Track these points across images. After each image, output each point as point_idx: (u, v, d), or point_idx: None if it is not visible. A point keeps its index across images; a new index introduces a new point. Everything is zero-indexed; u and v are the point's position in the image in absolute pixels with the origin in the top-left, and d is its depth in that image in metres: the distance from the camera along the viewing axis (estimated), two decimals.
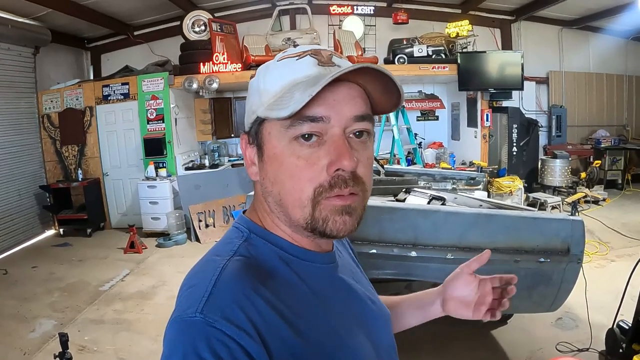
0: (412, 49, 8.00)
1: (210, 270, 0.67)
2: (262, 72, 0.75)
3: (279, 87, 0.70)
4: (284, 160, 0.70)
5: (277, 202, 0.73)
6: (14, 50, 7.12)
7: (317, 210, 0.70)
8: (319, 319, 0.72)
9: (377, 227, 2.95)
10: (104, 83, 7.84)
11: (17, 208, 7.20)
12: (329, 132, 0.69)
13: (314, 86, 0.64)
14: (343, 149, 0.68)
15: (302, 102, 0.64)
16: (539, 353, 3.50)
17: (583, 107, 9.90)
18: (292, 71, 0.71)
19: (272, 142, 0.71)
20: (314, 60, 0.71)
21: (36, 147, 7.85)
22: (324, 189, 0.69)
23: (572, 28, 9.56)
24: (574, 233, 2.95)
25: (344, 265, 0.88)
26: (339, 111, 0.69)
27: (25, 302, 4.90)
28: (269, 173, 0.73)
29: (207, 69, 7.44)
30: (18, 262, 6.35)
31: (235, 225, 0.80)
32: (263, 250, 0.75)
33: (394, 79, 0.70)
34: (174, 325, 0.63)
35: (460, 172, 5.91)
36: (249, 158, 0.78)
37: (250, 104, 0.75)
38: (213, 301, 0.62)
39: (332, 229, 0.71)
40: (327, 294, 0.77)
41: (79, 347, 3.81)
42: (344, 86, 0.69)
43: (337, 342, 0.72)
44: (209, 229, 7.08)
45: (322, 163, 0.68)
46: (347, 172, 0.69)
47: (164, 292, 5.04)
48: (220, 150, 8.96)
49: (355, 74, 0.68)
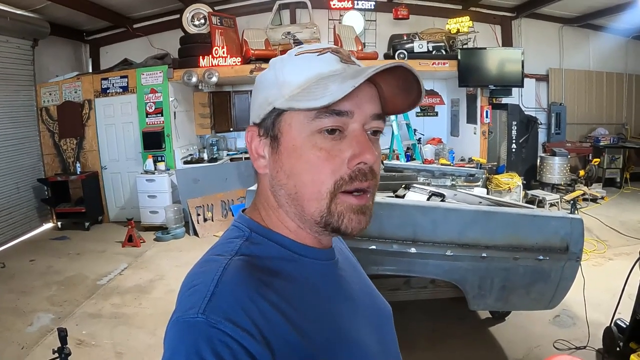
0: (413, 45, 7.99)
1: (212, 270, 0.67)
2: (278, 64, 0.75)
3: (303, 79, 0.71)
4: (304, 152, 0.70)
5: (290, 195, 0.73)
6: (12, 43, 7.09)
7: (333, 204, 0.70)
8: (322, 317, 0.71)
9: (377, 223, 2.94)
10: (102, 76, 7.81)
11: (15, 201, 7.19)
12: (349, 127, 0.70)
13: (353, 79, 0.65)
14: (366, 143, 0.71)
15: (344, 92, 0.65)
16: (536, 350, 3.51)
17: (582, 105, 9.91)
18: (315, 66, 0.72)
19: (292, 133, 0.71)
20: (335, 57, 0.73)
21: (34, 140, 7.82)
22: (345, 182, 0.70)
23: (573, 26, 9.55)
24: (573, 231, 2.96)
25: (344, 261, 0.88)
26: (362, 108, 0.71)
27: (23, 296, 4.89)
28: (285, 165, 0.72)
29: (206, 63, 7.40)
30: (16, 256, 6.34)
31: (235, 224, 0.80)
32: (265, 248, 0.74)
33: (421, 81, 0.73)
34: (175, 327, 0.62)
35: (460, 168, 5.91)
36: (256, 150, 0.77)
37: (265, 96, 0.74)
38: (215, 302, 0.62)
39: (347, 226, 0.71)
40: (329, 291, 0.77)
41: (77, 341, 3.81)
42: (367, 86, 0.71)
43: (341, 340, 0.71)
44: (207, 223, 7.07)
45: (344, 156, 0.70)
46: (368, 165, 0.71)
47: (162, 286, 5.04)
48: (219, 144, 8.95)
49: (379, 73, 0.69)
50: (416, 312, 4.07)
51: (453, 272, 3.03)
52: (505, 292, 3.09)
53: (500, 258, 2.96)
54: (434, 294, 3.47)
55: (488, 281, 3.04)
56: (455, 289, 3.08)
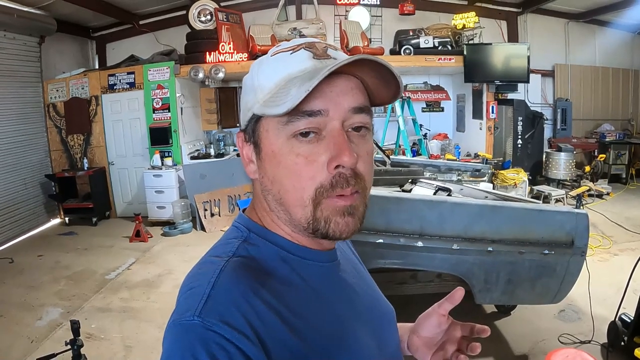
0: (419, 40, 7.99)
1: (208, 272, 0.66)
2: (256, 67, 0.74)
3: (273, 83, 0.69)
4: (282, 158, 0.68)
5: (277, 200, 0.72)
6: (19, 40, 7.12)
7: (318, 210, 0.68)
8: (320, 320, 0.70)
9: (384, 217, 2.97)
10: (109, 72, 7.84)
11: (23, 197, 7.24)
12: (327, 127, 0.67)
13: (310, 80, 0.62)
14: (343, 144, 0.66)
15: (299, 99, 0.62)
16: (541, 344, 3.52)
17: (588, 101, 9.87)
18: (287, 65, 0.69)
19: (270, 139, 0.69)
20: (308, 53, 0.69)
21: (42, 137, 7.87)
22: (325, 189, 0.67)
23: (579, 21, 9.50)
24: (579, 226, 2.97)
25: (346, 263, 0.86)
26: (337, 103, 0.67)
27: (32, 291, 4.95)
28: (268, 171, 0.71)
29: (213, 59, 7.43)
30: (24, 251, 6.39)
31: (235, 224, 0.79)
32: (263, 250, 0.73)
33: (391, 69, 0.68)
34: (172, 329, 0.62)
35: (466, 163, 5.92)
36: (246, 156, 0.76)
37: (246, 101, 0.74)
38: (211, 304, 0.61)
39: (335, 231, 0.69)
40: (329, 293, 0.75)
41: (87, 335, 3.84)
42: (341, 79, 0.67)
43: (338, 343, 0.70)
44: (214, 218, 7.12)
45: (322, 159, 0.66)
46: (348, 169, 0.67)
47: (170, 281, 5.08)
48: (226, 140, 8.97)
49: (353, 66, 0.66)
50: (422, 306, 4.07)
51: (459, 266, 3.05)
52: (511, 286, 3.11)
53: (506, 252, 2.98)
54: (440, 288, 3.48)
55: (494, 275, 3.06)
56: (462, 282, 3.10)
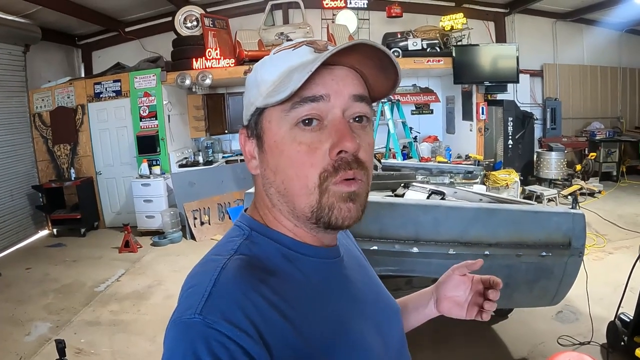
0: (407, 43, 7.98)
1: (210, 270, 0.66)
2: (259, 66, 0.76)
3: (276, 76, 0.71)
4: (285, 147, 0.69)
5: (280, 192, 0.72)
6: (3, 49, 7.01)
7: (324, 197, 0.69)
8: (322, 316, 0.70)
9: (378, 223, 2.91)
10: (95, 80, 7.74)
11: (10, 209, 7.10)
12: (329, 115, 0.69)
13: (312, 64, 0.65)
14: (345, 131, 0.68)
15: (301, 81, 0.64)
16: (540, 347, 3.48)
17: (577, 100, 9.93)
18: (289, 60, 0.72)
19: (273, 130, 0.71)
20: (309, 48, 0.72)
21: (28, 147, 7.74)
22: (329, 173, 0.68)
23: (566, 20, 9.57)
24: (575, 226, 2.95)
25: (350, 259, 0.86)
26: (338, 89, 0.69)
27: (20, 305, 4.83)
28: (270, 162, 0.72)
29: (199, 65, 7.35)
30: (12, 264, 6.26)
31: (237, 223, 0.79)
32: (265, 247, 0.73)
33: (390, 55, 0.70)
34: (173, 327, 0.62)
35: (457, 166, 5.90)
36: (249, 152, 0.77)
37: (249, 98, 0.76)
38: (212, 302, 0.61)
39: (338, 217, 0.69)
40: (332, 290, 0.76)
41: (76, 350, 3.75)
42: (340, 69, 0.70)
43: (341, 340, 0.70)
44: (204, 226, 7.01)
45: (324, 147, 0.68)
46: (350, 154, 0.68)
47: (161, 292, 4.99)
48: (214, 147, 8.91)
49: (351, 57, 0.68)
50: None
51: None
52: (508, 289, 3.06)
53: (503, 255, 2.94)
54: None
55: None
56: None
